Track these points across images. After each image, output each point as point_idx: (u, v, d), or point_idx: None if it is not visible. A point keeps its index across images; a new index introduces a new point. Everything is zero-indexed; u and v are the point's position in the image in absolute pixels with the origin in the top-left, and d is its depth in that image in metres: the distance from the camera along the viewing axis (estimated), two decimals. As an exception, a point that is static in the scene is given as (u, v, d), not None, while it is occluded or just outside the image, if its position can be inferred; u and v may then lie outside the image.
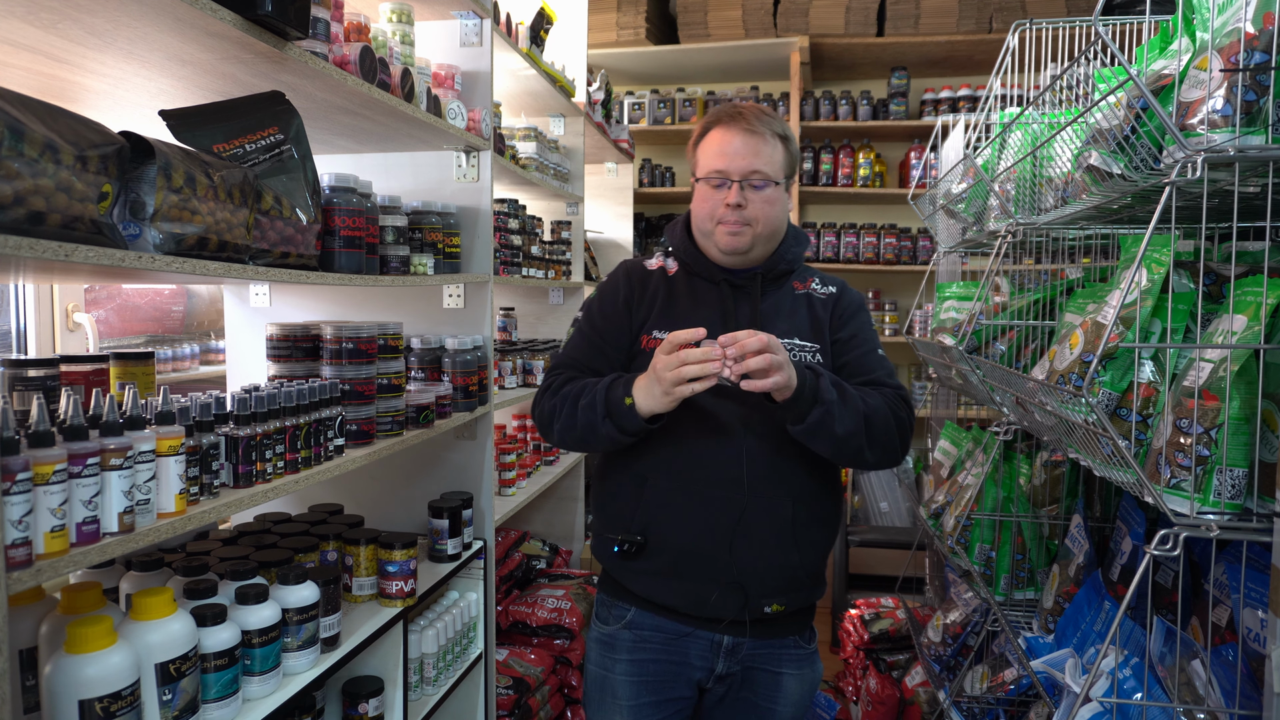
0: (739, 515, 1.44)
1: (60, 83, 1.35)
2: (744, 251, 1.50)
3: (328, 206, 1.52)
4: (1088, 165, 1.30)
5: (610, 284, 1.62)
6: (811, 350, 1.51)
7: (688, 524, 1.46)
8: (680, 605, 1.49)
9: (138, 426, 1.07)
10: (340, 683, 1.64)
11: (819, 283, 1.61)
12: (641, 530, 1.48)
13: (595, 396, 1.43)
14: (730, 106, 1.52)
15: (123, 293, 2.18)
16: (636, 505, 1.49)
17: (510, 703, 2.25)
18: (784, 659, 1.54)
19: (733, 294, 1.53)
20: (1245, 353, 1.05)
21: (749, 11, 4.30)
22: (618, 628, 1.55)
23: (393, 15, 1.80)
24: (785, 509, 1.47)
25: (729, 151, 1.47)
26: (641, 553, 1.48)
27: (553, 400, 1.51)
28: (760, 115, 1.49)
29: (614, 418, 1.40)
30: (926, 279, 2.94)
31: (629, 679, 1.52)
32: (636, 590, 1.52)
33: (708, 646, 1.50)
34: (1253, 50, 1.00)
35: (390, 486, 2.16)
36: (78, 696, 1.01)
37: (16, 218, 0.86)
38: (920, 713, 2.59)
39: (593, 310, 1.60)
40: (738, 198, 1.46)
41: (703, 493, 1.45)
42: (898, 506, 4.10)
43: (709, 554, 1.45)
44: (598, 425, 1.41)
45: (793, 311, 1.55)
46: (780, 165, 1.49)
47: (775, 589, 1.48)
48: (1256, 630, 1.15)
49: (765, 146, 1.47)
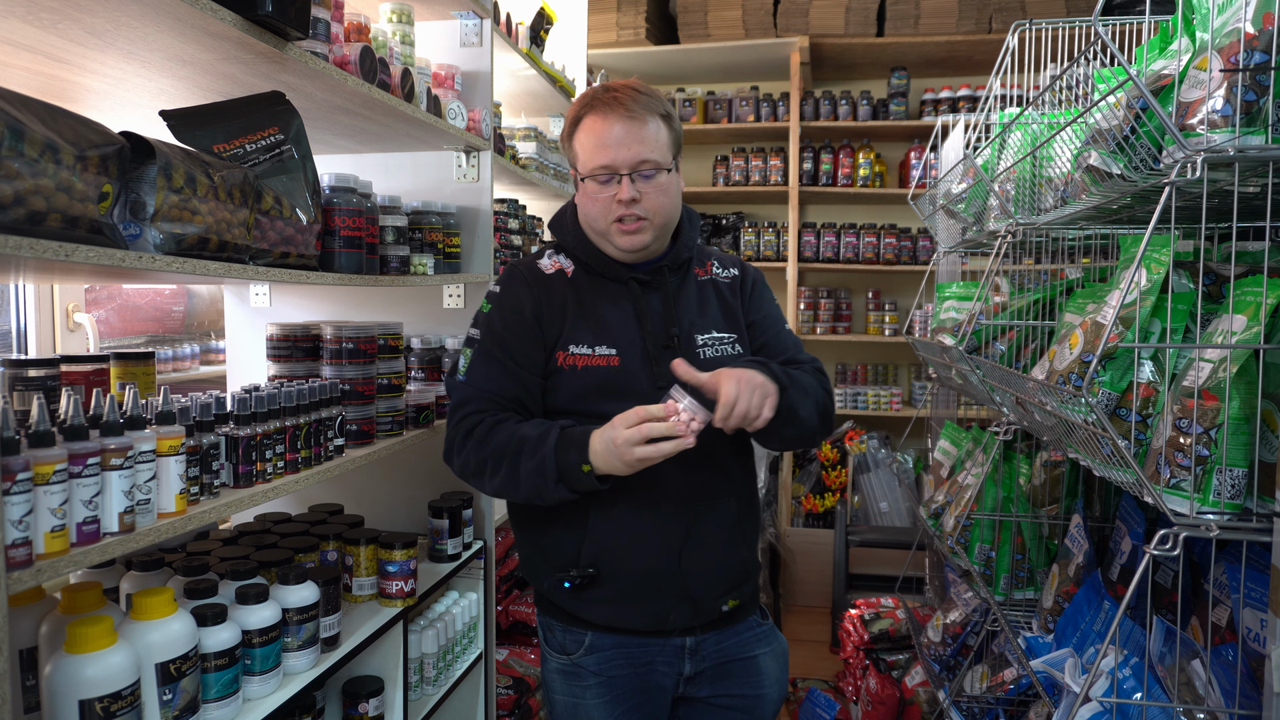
0: (688, 528, 1.40)
1: (60, 83, 1.35)
2: (643, 248, 1.41)
3: (328, 206, 1.52)
4: (1087, 165, 1.30)
5: (509, 296, 1.46)
6: (730, 341, 1.48)
7: (639, 547, 1.40)
8: (638, 625, 1.44)
9: (138, 426, 1.08)
10: (340, 682, 1.64)
11: (719, 265, 1.55)
12: (592, 561, 1.40)
13: (543, 461, 1.30)
14: (603, 89, 1.38)
15: (123, 293, 2.18)
16: (583, 536, 1.41)
17: (510, 703, 2.25)
18: (751, 641, 1.52)
19: (641, 291, 1.44)
20: (1245, 353, 1.05)
21: (749, 11, 4.30)
22: (579, 655, 1.47)
23: (393, 15, 1.80)
24: (730, 509, 1.45)
25: (611, 142, 1.34)
26: (594, 583, 1.41)
27: (480, 452, 1.37)
28: (638, 96, 1.36)
29: (568, 482, 1.30)
30: (926, 279, 2.95)
31: (601, 700, 1.46)
32: (592, 619, 1.46)
33: (671, 652, 1.47)
34: (1252, 50, 1.00)
35: (390, 486, 2.16)
36: (78, 696, 1.01)
37: (17, 218, 0.86)
38: (920, 712, 2.59)
39: (495, 329, 1.44)
40: (630, 192, 1.35)
41: (654, 511, 1.40)
42: (897, 506, 4.10)
43: (662, 570, 1.41)
44: (546, 490, 1.31)
45: (702, 301, 1.49)
46: (667, 147, 1.38)
47: (729, 587, 1.46)
48: (1256, 630, 1.15)
49: (649, 130, 1.35)
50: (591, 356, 1.41)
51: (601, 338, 1.41)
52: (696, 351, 1.44)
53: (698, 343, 1.45)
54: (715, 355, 1.45)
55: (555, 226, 1.53)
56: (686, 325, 1.45)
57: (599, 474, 1.28)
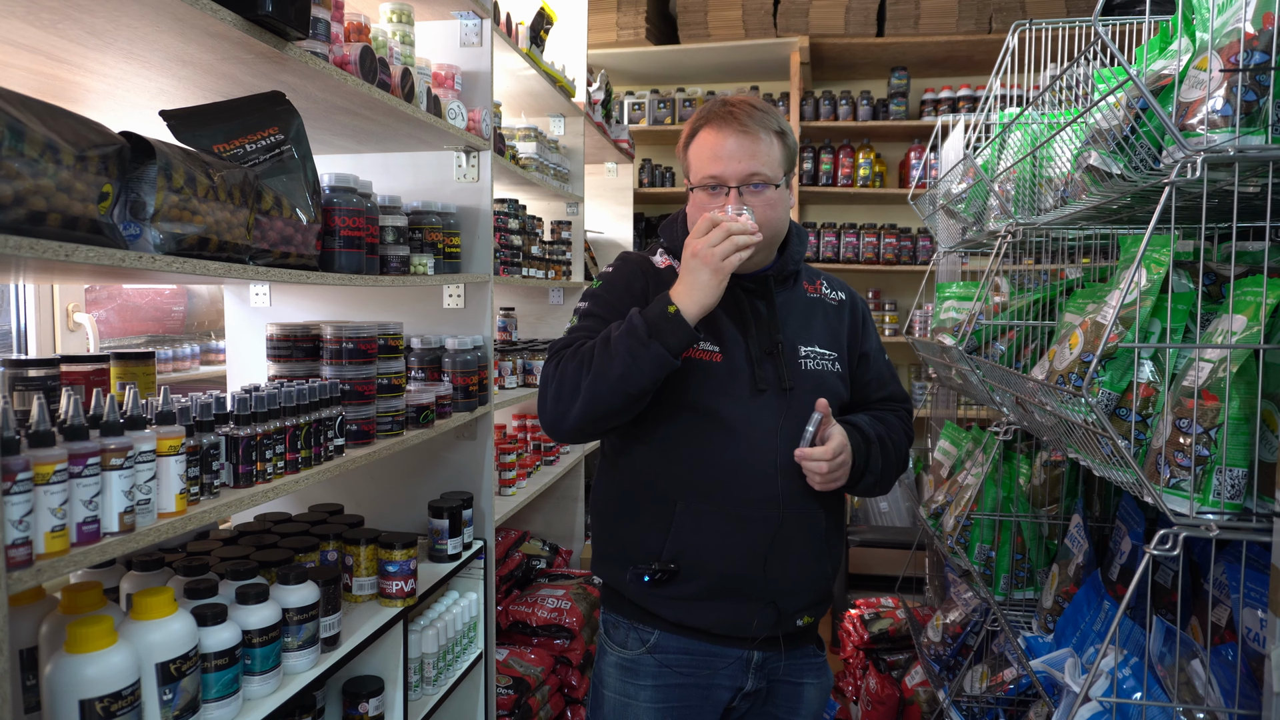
0: (775, 532, 1.39)
1: (60, 83, 1.35)
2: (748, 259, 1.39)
3: (328, 206, 1.52)
4: (1087, 165, 1.30)
5: (621, 274, 1.50)
6: (830, 359, 1.49)
7: (724, 547, 1.38)
8: (716, 627, 1.42)
9: (138, 426, 1.08)
10: (340, 682, 1.64)
11: (827, 286, 1.58)
12: (673, 557, 1.39)
13: (628, 324, 1.29)
14: (720, 103, 1.41)
15: (123, 293, 2.18)
16: (665, 531, 1.40)
17: (510, 703, 2.25)
18: (804, 669, 1.50)
19: (747, 298, 1.46)
20: (1245, 353, 1.05)
21: (749, 11, 4.30)
22: (640, 652, 1.45)
23: (393, 15, 1.80)
24: (819, 520, 1.43)
25: (723, 155, 1.37)
26: (673, 579, 1.40)
27: (573, 363, 1.34)
28: (753, 112, 1.39)
29: (660, 335, 1.26)
30: (926, 279, 2.95)
31: (653, 706, 1.44)
32: (665, 615, 1.43)
33: (738, 665, 1.44)
34: (1252, 50, 1.00)
35: (390, 486, 2.16)
36: (78, 696, 1.01)
37: (17, 218, 0.86)
38: (920, 712, 2.59)
39: (604, 297, 1.47)
40: (736, 204, 1.36)
41: (738, 513, 1.38)
42: (897, 506, 4.10)
43: (746, 575, 1.39)
44: (639, 354, 1.26)
45: (807, 317, 1.51)
46: (779, 163, 1.40)
47: (808, 601, 1.45)
48: (1256, 630, 1.15)
49: (761, 146, 1.37)
50: (696, 350, 1.41)
51: (707, 333, 1.42)
52: (799, 361, 1.45)
53: (801, 353, 1.46)
54: (816, 368, 1.46)
55: (666, 231, 1.54)
56: (791, 334, 1.47)
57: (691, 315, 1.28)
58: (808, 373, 1.45)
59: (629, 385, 1.29)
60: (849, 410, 1.53)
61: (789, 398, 1.41)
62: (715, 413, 1.39)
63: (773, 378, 1.42)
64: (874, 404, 1.57)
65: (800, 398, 1.41)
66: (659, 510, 1.41)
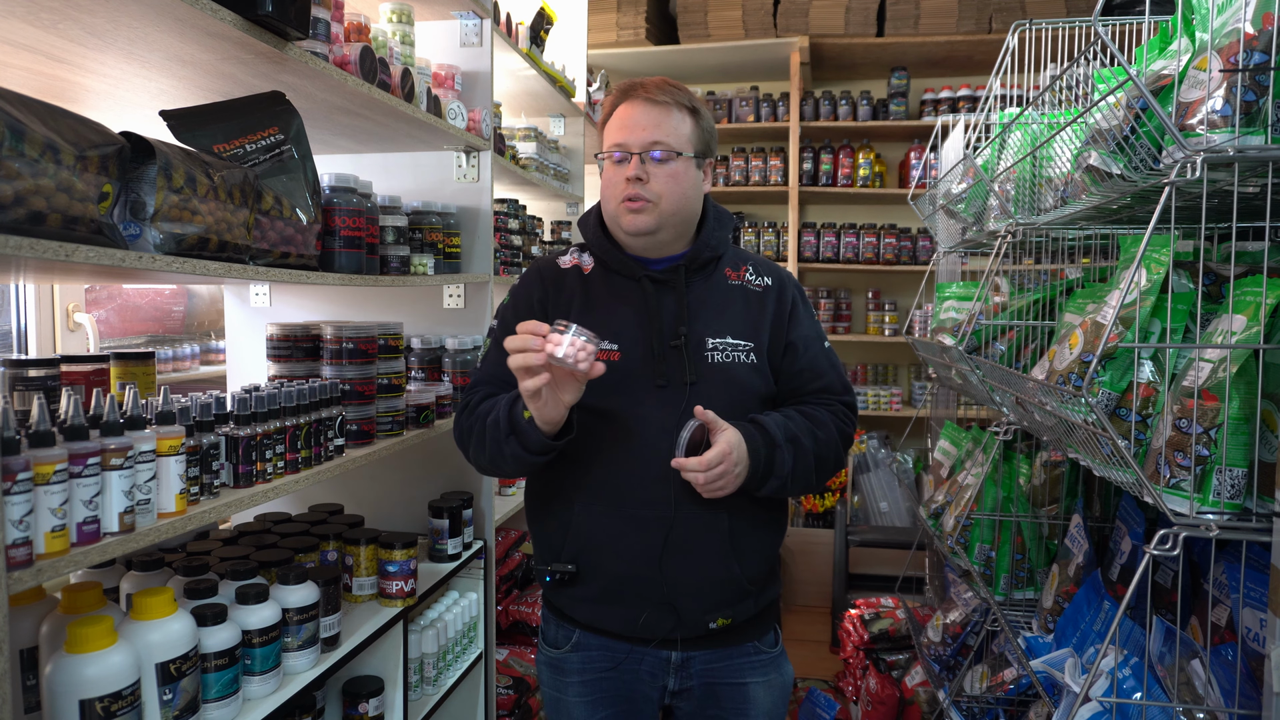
0: (667, 533, 1.37)
1: (60, 83, 1.35)
2: (650, 232, 1.39)
3: (328, 206, 1.52)
4: (1087, 165, 1.30)
5: (522, 287, 1.51)
6: (744, 349, 1.43)
7: (618, 548, 1.38)
8: (617, 628, 1.43)
9: (138, 426, 1.08)
10: (340, 682, 1.64)
11: (753, 272, 1.50)
12: (572, 558, 1.41)
13: (499, 413, 1.34)
14: (630, 80, 1.43)
15: (123, 293, 2.18)
16: (566, 532, 1.41)
17: (510, 703, 2.25)
18: (745, 668, 1.46)
19: (655, 289, 1.43)
20: (1245, 353, 1.05)
21: (749, 11, 4.30)
22: (566, 650, 1.48)
23: (393, 15, 1.80)
24: (720, 522, 1.39)
25: (628, 124, 1.39)
26: (575, 581, 1.42)
27: (468, 420, 1.42)
28: (664, 86, 1.40)
29: (517, 435, 1.31)
30: (926, 279, 2.95)
31: (581, 700, 1.46)
32: (576, 616, 1.46)
33: (656, 663, 1.44)
34: (1252, 50, 1.00)
35: (390, 486, 2.17)
36: (78, 696, 1.01)
37: (17, 218, 0.86)
38: (920, 712, 2.59)
39: (507, 318, 1.49)
40: (637, 170, 1.37)
41: (631, 514, 1.37)
42: (897, 506, 4.10)
43: (642, 576, 1.38)
44: (503, 445, 1.33)
45: (724, 305, 1.46)
46: (687, 138, 1.40)
47: (718, 603, 1.41)
48: (1256, 630, 1.15)
49: (668, 118, 1.38)
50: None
51: (605, 332, 1.39)
52: (705, 354, 1.41)
53: (707, 345, 1.42)
54: (724, 360, 1.42)
55: (581, 224, 1.55)
56: (700, 326, 1.43)
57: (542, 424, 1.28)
58: (714, 365, 1.40)
59: (504, 467, 1.38)
60: (775, 403, 1.48)
61: (692, 393, 1.37)
62: (610, 412, 1.38)
63: (674, 373, 1.38)
64: (807, 396, 1.48)
65: (704, 392, 1.37)
66: (561, 511, 1.43)
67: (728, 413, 1.34)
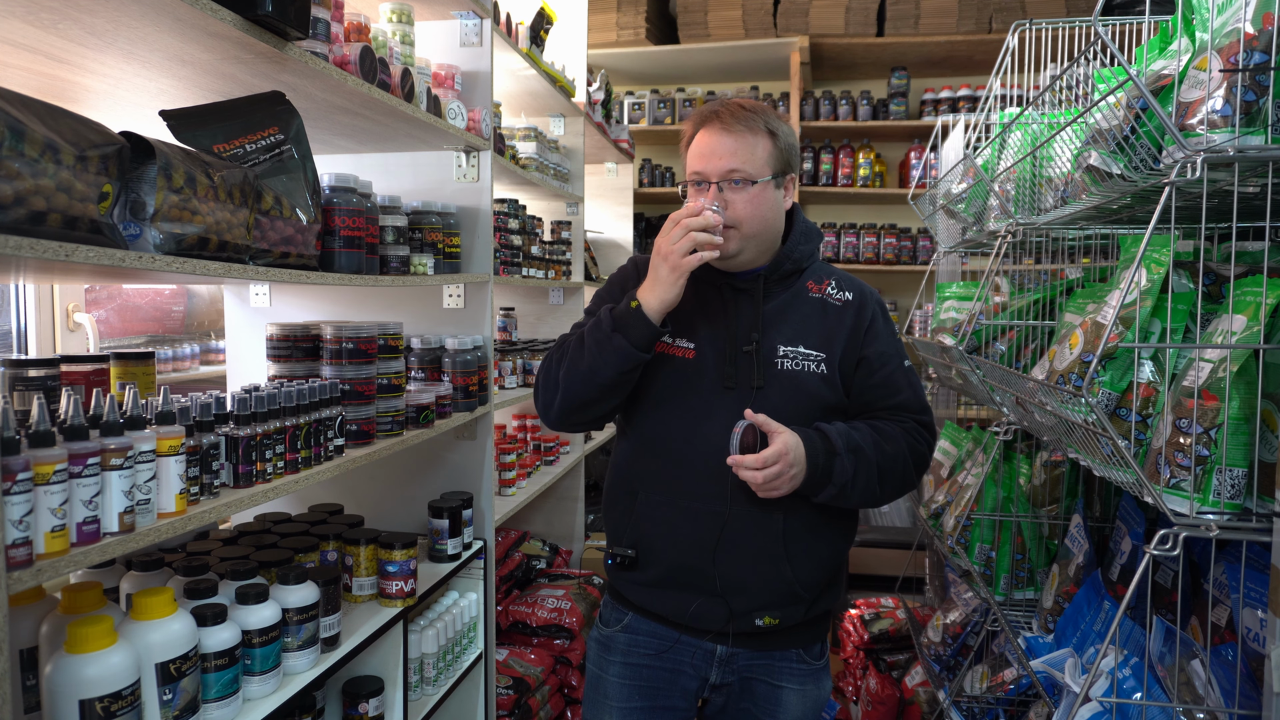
0: (721, 528, 1.41)
1: (60, 83, 1.35)
2: (731, 256, 1.43)
3: (328, 206, 1.52)
4: (1087, 165, 1.30)
5: (619, 274, 1.59)
6: (816, 360, 1.45)
7: (674, 538, 1.44)
8: (669, 614, 1.48)
9: (138, 426, 1.08)
10: (340, 682, 1.64)
11: (835, 286, 1.52)
12: (633, 544, 1.48)
13: (598, 319, 1.39)
14: (709, 106, 1.47)
15: (123, 293, 2.18)
16: (629, 518, 1.49)
17: (510, 703, 2.25)
18: (784, 673, 1.49)
19: (734, 296, 1.48)
20: (1245, 353, 1.05)
21: (749, 11, 4.30)
22: (616, 630, 1.54)
23: (393, 15, 1.80)
24: (774, 523, 1.42)
25: (705, 153, 1.43)
26: (634, 565, 1.48)
27: (557, 353, 1.47)
28: (739, 112, 1.43)
29: (623, 329, 1.35)
30: (926, 279, 2.95)
31: (621, 681, 1.52)
32: (631, 599, 1.53)
33: (701, 655, 1.48)
34: (1252, 50, 1.00)
35: (390, 486, 2.17)
36: (78, 696, 1.01)
37: (17, 218, 0.86)
38: (920, 712, 2.59)
39: (601, 295, 1.57)
40: (715, 199, 1.41)
41: (687, 506, 1.43)
42: (898, 506, 4.10)
43: (696, 567, 1.43)
44: (605, 343, 1.36)
45: (802, 316, 1.48)
46: (765, 161, 1.42)
47: (766, 602, 1.44)
48: (1256, 630, 1.15)
49: (743, 145, 1.41)
50: (671, 346, 1.47)
51: (683, 331, 1.47)
52: (775, 361, 1.44)
53: (778, 352, 1.44)
54: (794, 368, 1.44)
55: None
56: (774, 333, 1.46)
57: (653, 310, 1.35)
58: (783, 372, 1.43)
59: (597, 376, 1.39)
60: (847, 416, 1.49)
61: (759, 397, 1.41)
62: (678, 407, 1.44)
63: (743, 376, 1.43)
64: (881, 412, 1.49)
65: (770, 397, 1.41)
66: (626, 499, 1.50)
67: (792, 419, 1.38)
